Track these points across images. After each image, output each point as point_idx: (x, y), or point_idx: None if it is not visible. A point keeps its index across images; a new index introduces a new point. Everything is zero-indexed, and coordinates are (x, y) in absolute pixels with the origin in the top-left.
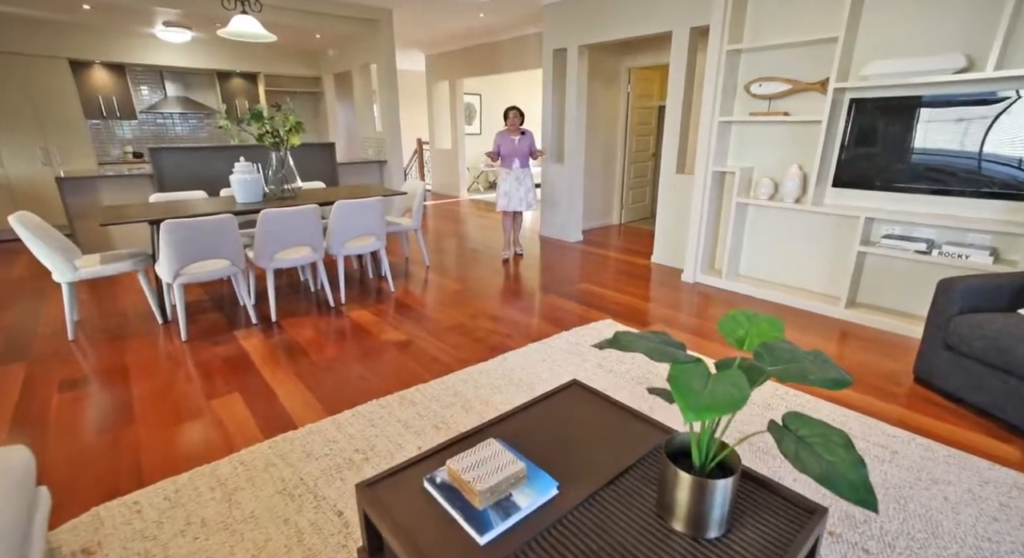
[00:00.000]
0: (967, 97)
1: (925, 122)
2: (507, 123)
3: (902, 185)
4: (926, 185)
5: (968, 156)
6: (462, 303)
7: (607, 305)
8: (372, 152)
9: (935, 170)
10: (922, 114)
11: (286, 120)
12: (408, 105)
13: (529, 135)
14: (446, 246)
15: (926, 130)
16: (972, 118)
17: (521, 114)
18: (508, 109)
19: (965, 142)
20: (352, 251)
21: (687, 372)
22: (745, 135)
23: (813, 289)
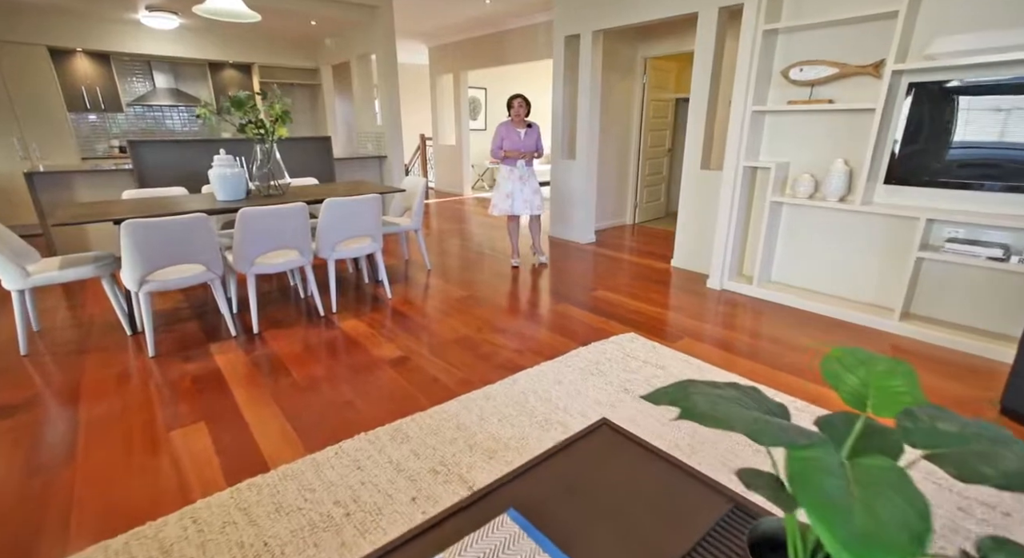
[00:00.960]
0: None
1: (1002, 110)
2: (511, 113)
3: (971, 181)
4: (1000, 182)
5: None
6: (466, 312)
7: (627, 315)
8: (371, 147)
9: (1013, 164)
10: (999, 99)
11: (271, 108)
12: (410, 100)
13: (536, 129)
14: (449, 248)
15: (1005, 119)
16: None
17: (527, 103)
18: (512, 97)
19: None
20: (344, 254)
21: (815, 467)
22: (780, 127)
23: (859, 298)
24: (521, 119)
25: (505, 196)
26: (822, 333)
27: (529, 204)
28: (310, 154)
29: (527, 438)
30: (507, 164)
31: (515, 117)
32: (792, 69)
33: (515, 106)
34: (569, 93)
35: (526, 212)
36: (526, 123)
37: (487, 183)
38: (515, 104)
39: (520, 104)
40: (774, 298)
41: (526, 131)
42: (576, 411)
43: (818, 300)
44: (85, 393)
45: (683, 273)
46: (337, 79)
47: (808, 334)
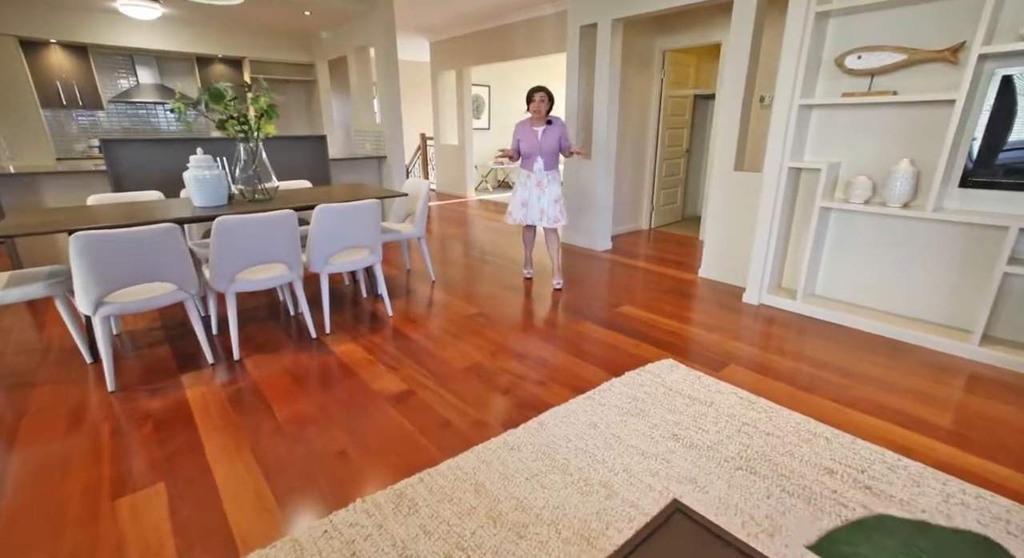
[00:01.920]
0: None
1: None
2: (529, 108)
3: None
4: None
5: None
6: (477, 333)
7: (660, 336)
8: (370, 147)
9: None
10: None
11: (255, 103)
12: (411, 98)
13: (559, 126)
14: (454, 255)
15: None
16: None
17: (549, 97)
18: (533, 90)
19: None
20: (339, 268)
21: None
22: (830, 123)
23: (926, 318)
24: (541, 115)
25: (520, 204)
26: (886, 359)
27: (545, 214)
28: (304, 154)
29: (564, 507)
30: (524, 168)
31: (534, 113)
32: (848, 57)
33: (536, 100)
34: (584, 88)
35: (541, 223)
36: (546, 119)
37: (491, 184)
38: (536, 98)
39: (542, 98)
40: (821, 315)
41: (544, 129)
42: (619, 467)
43: (874, 318)
44: (21, 440)
45: (713, 285)
46: (334, 75)
47: (870, 360)
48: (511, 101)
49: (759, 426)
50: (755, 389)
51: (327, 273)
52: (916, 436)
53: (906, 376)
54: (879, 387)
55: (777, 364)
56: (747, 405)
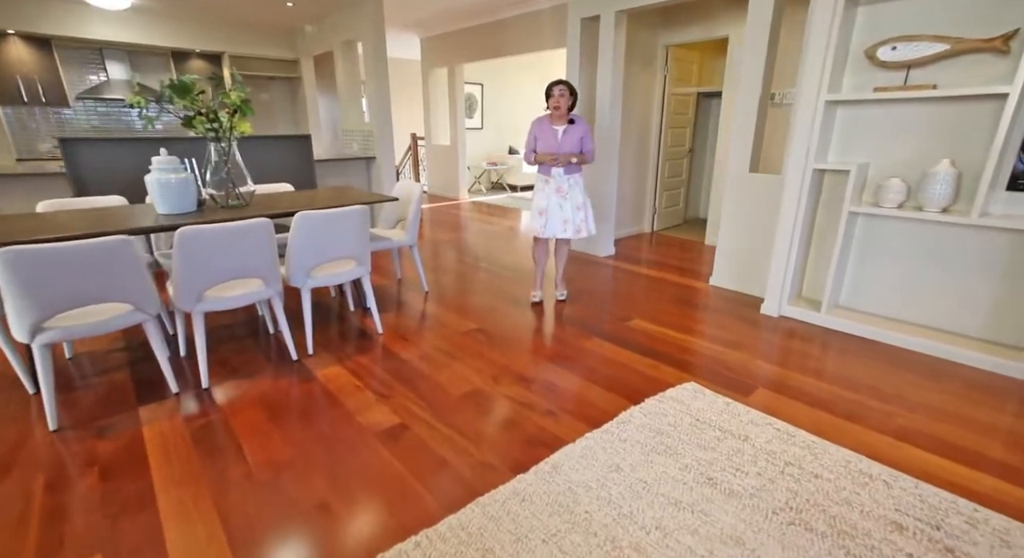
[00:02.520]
0: None
1: None
2: (549, 105)
3: None
4: None
5: None
6: (476, 353)
7: (678, 355)
8: (358, 147)
9: None
10: None
11: (226, 97)
12: (401, 97)
13: (581, 125)
14: (446, 263)
15: None
16: None
17: (571, 91)
18: (552, 84)
19: None
20: (323, 282)
21: None
22: (857, 121)
23: (967, 332)
24: (562, 112)
25: (537, 213)
26: (928, 379)
27: (570, 224)
28: (287, 155)
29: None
30: (542, 172)
31: (553, 110)
32: (881, 48)
33: (555, 95)
34: (586, 85)
35: (565, 234)
36: (567, 118)
37: (484, 186)
38: (555, 92)
39: (561, 93)
40: (849, 329)
41: (565, 128)
42: (651, 522)
43: (908, 332)
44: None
45: (727, 295)
46: (319, 71)
47: (911, 381)
48: (505, 100)
49: (805, 466)
50: (791, 418)
51: (309, 288)
52: (987, 478)
53: (955, 400)
54: (928, 414)
55: (810, 387)
56: (786, 439)
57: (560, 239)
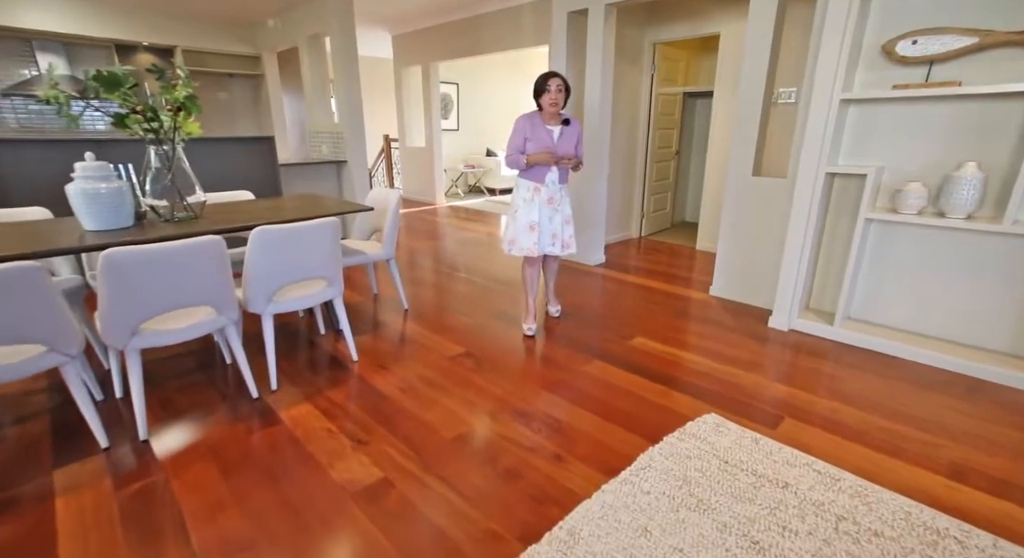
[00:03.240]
0: None
1: None
2: (541, 102)
3: None
4: None
5: None
6: (466, 382)
7: (689, 379)
8: (327, 150)
9: None
10: None
11: (167, 92)
12: (373, 97)
13: (577, 127)
14: (427, 275)
15: None
16: None
17: (566, 87)
18: (546, 77)
19: None
20: (286, 306)
21: None
22: (870, 121)
23: (994, 347)
24: (558, 111)
25: (527, 228)
26: (966, 402)
27: (558, 239)
28: (248, 159)
29: None
30: (530, 178)
31: (549, 107)
32: (900, 42)
33: (552, 89)
34: (573, 84)
35: (553, 250)
36: (562, 117)
37: (462, 190)
38: (552, 86)
39: (560, 87)
40: (866, 344)
41: (561, 130)
42: None
43: (928, 347)
44: None
45: (730, 306)
46: (284, 69)
47: (948, 405)
48: (482, 100)
49: (860, 520)
50: (828, 455)
51: (271, 314)
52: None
53: (998, 427)
54: (975, 445)
55: (840, 415)
56: (831, 484)
57: (549, 256)
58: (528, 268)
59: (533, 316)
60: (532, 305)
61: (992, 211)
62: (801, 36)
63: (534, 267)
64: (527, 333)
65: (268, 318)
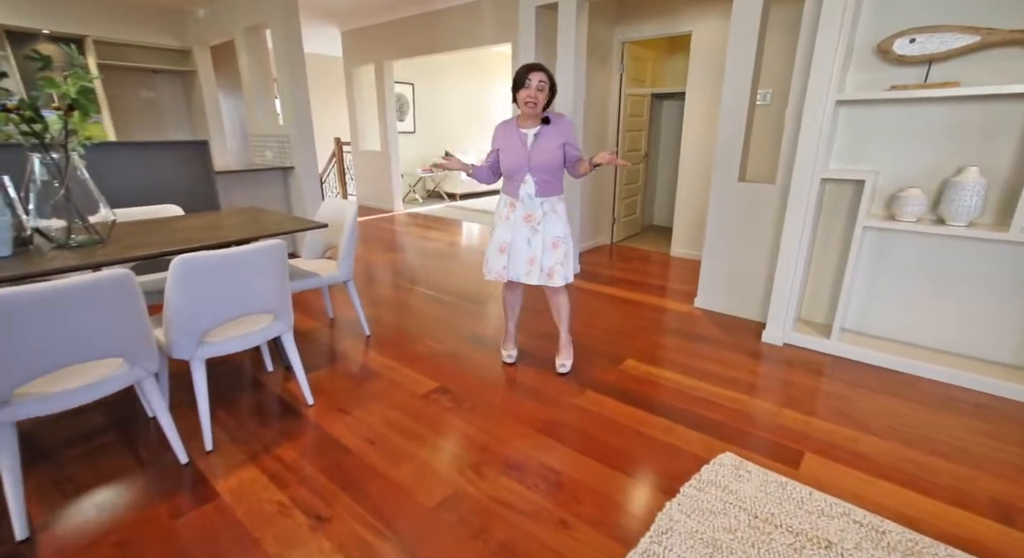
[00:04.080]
0: None
1: None
2: (519, 98)
3: None
4: None
5: None
6: (444, 426)
7: (692, 409)
8: (271, 155)
9: None
10: None
11: (52, 86)
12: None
13: (560, 126)
14: (388, 292)
15: None
16: None
17: (550, 82)
18: (527, 70)
19: None
20: (221, 349)
21: None
22: (863, 124)
23: (996, 359)
24: (537, 110)
25: (497, 249)
26: (977, 420)
27: (536, 266)
28: (177, 167)
29: None
30: (505, 191)
31: (525, 105)
32: (897, 40)
33: (531, 85)
34: None
35: (529, 279)
36: (542, 116)
37: (420, 195)
38: (532, 81)
39: (542, 83)
40: (865, 357)
41: (538, 131)
42: None
43: (931, 360)
44: None
45: (718, 319)
46: (220, 64)
47: (962, 425)
48: (439, 101)
49: None
50: (864, 498)
51: (202, 360)
52: None
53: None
54: (1005, 475)
55: (861, 445)
56: (877, 539)
57: (549, 288)
58: (505, 292)
59: (513, 341)
60: (511, 330)
61: (993, 218)
62: (779, 37)
63: (511, 292)
64: (506, 361)
65: (199, 365)
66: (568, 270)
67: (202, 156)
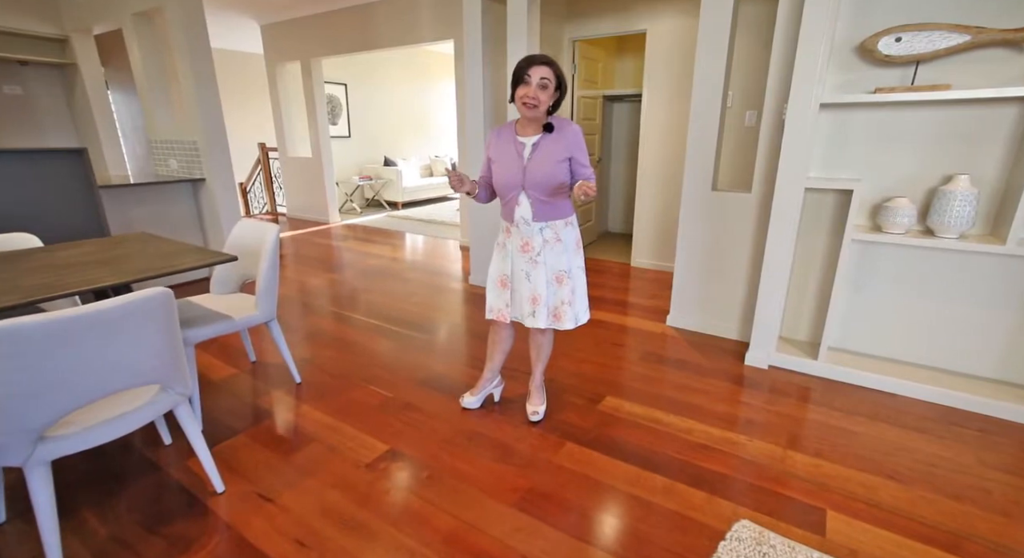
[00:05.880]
0: None
1: None
2: (516, 98)
3: None
4: None
5: None
6: (397, 507)
7: (692, 460)
8: (177, 165)
9: None
10: None
11: None
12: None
13: (565, 134)
14: (323, 324)
15: None
16: None
17: (557, 78)
18: (528, 63)
19: None
20: (77, 443)
21: None
22: (843, 129)
23: (978, 373)
24: (537, 115)
25: (497, 282)
26: (988, 451)
27: (541, 305)
28: (46, 183)
29: None
30: (502, 215)
31: (523, 107)
32: (882, 39)
33: (531, 81)
34: (491, 83)
35: (533, 320)
36: (545, 122)
37: (358, 205)
38: (532, 77)
39: (545, 79)
40: (855, 379)
41: (538, 140)
42: None
43: (924, 379)
44: None
45: (694, 340)
46: (108, 56)
47: (975, 458)
48: (375, 103)
49: None
50: None
51: (42, 464)
52: None
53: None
54: None
55: (882, 495)
56: None
57: (535, 329)
58: (492, 331)
59: (482, 387)
60: (488, 376)
61: (983, 228)
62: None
63: (499, 332)
64: (465, 405)
65: (38, 472)
66: (578, 310)
67: (78, 167)
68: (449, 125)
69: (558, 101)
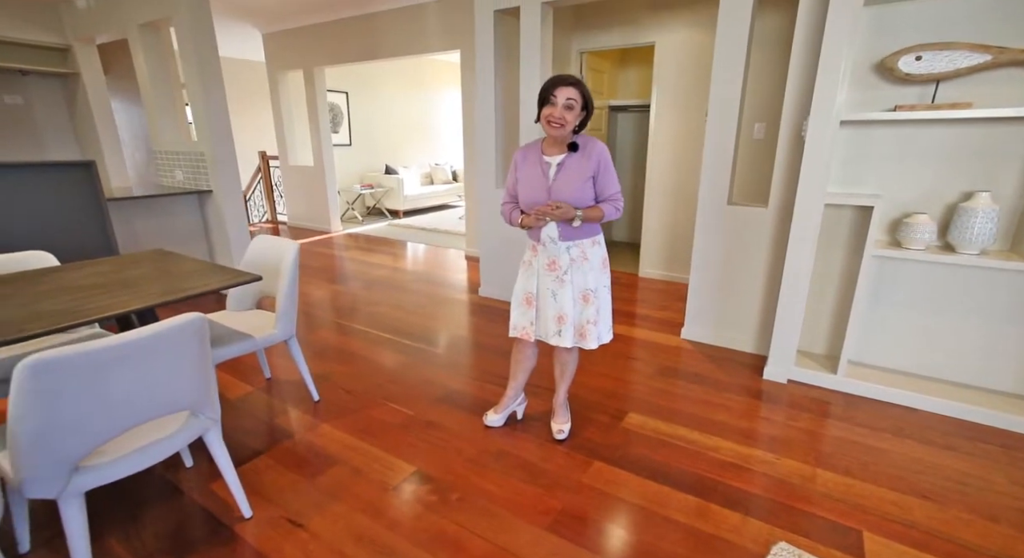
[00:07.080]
0: None
1: None
2: (542, 119)
3: None
4: None
5: None
6: (428, 531)
7: (721, 479)
8: (183, 176)
9: None
10: None
11: None
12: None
13: (591, 153)
14: (334, 338)
15: None
16: None
17: (584, 98)
18: (554, 84)
19: None
20: (113, 473)
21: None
22: (862, 145)
23: (999, 388)
24: (563, 134)
25: (523, 300)
26: (1016, 468)
27: (567, 324)
28: (54, 197)
29: None
30: (529, 236)
31: (549, 126)
32: (902, 57)
33: (558, 101)
34: (503, 93)
35: (562, 341)
36: (570, 141)
37: (359, 213)
38: (559, 97)
39: (571, 100)
40: (874, 393)
41: (563, 160)
42: None
43: (945, 394)
44: None
45: (710, 353)
46: (111, 66)
47: (1003, 475)
48: (377, 112)
49: None
50: None
51: (76, 496)
52: None
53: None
54: None
55: (917, 515)
56: None
57: (561, 348)
58: (516, 350)
59: (507, 404)
60: (511, 392)
61: (1003, 244)
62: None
63: (523, 350)
64: (489, 423)
65: (72, 504)
66: (602, 329)
67: (86, 180)
68: (450, 133)
69: (584, 121)
